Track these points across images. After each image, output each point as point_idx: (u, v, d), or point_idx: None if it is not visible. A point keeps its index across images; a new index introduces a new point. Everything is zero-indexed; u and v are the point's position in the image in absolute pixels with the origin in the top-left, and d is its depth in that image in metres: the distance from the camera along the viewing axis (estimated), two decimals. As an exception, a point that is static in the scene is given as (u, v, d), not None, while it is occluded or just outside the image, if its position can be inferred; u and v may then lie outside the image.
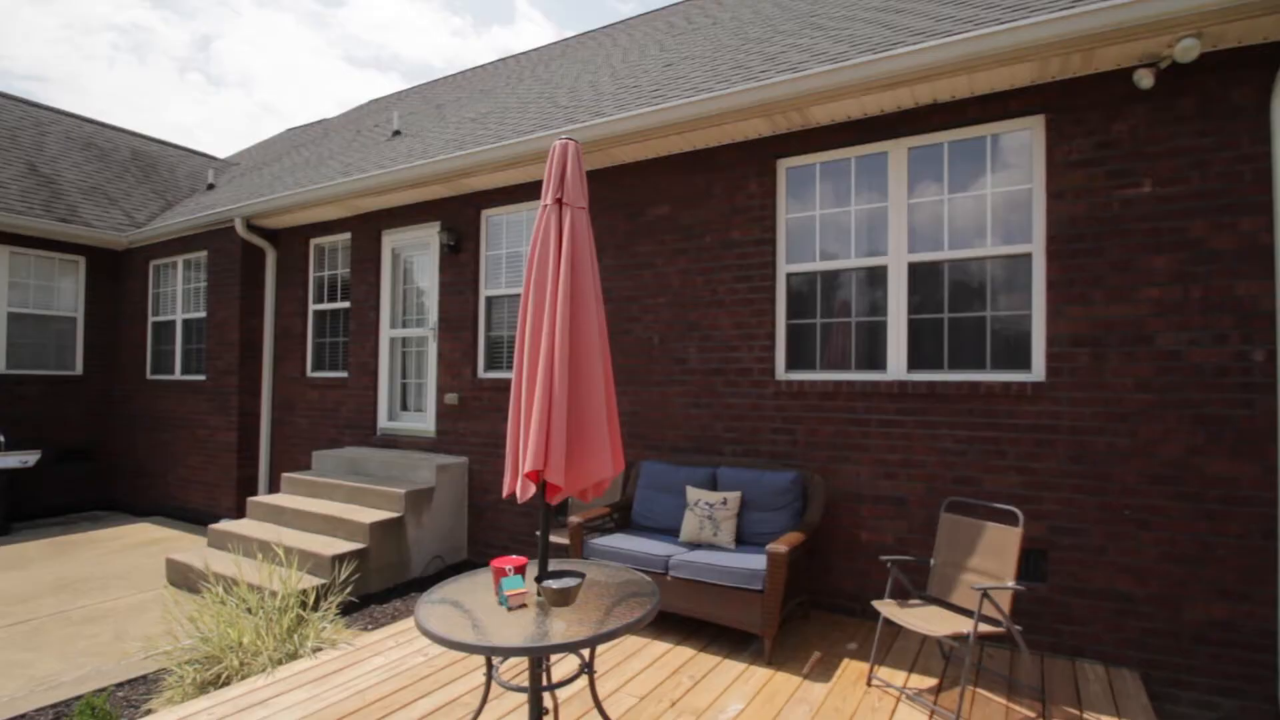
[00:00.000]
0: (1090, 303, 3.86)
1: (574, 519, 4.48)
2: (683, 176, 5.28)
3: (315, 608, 4.38)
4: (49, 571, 6.10)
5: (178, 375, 8.74)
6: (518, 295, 6.22)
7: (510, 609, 2.47)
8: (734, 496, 4.42)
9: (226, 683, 3.58)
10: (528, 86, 8.23)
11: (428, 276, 6.91)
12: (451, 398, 6.46)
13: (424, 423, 6.85)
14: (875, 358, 4.55)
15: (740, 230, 4.99)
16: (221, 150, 13.72)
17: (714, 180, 5.13)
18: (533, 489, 2.57)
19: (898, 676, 3.60)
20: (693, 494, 4.53)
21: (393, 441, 6.95)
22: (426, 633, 2.29)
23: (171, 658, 3.84)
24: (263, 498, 6.43)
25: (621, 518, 4.88)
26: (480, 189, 6.36)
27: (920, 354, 4.40)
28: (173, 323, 8.87)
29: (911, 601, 3.59)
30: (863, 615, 4.43)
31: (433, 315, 6.78)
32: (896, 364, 4.44)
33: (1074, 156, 3.92)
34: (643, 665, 3.73)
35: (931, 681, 3.54)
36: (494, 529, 6.17)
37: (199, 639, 3.82)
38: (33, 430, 8.44)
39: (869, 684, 3.50)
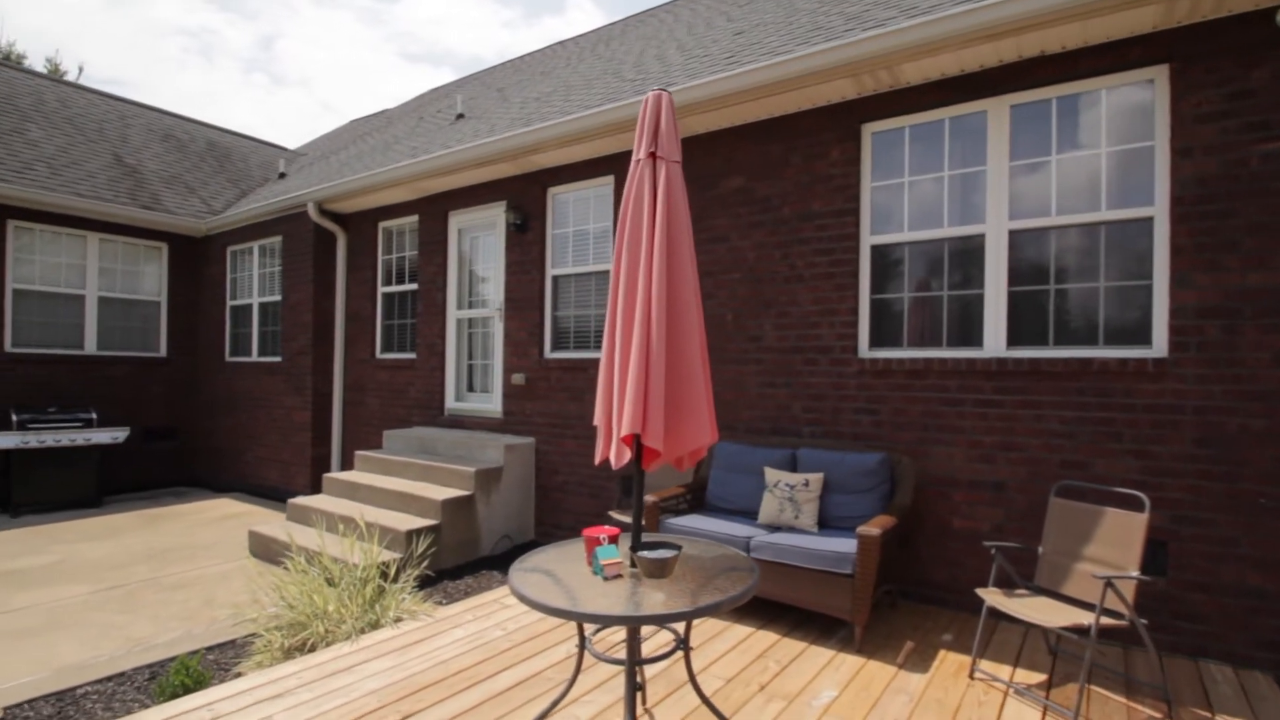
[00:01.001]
0: (1222, 270, 3.50)
1: (649, 498, 4.37)
2: (758, 146, 5.07)
3: (395, 580, 4.40)
4: (139, 541, 6.36)
5: (254, 357, 9.02)
6: (584, 274, 6.14)
7: (606, 578, 2.37)
8: (816, 478, 4.22)
9: (312, 649, 3.62)
10: (589, 65, 8.12)
11: (494, 257, 6.89)
12: (518, 378, 6.44)
13: (490, 403, 6.86)
14: (969, 334, 4.26)
15: (821, 201, 4.76)
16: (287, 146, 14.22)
17: (792, 149, 4.91)
18: (628, 455, 2.45)
19: (1002, 670, 3.36)
20: (772, 475, 4.36)
21: (459, 422, 6.99)
22: (523, 598, 2.20)
23: (258, 624, 3.91)
24: (338, 474, 6.56)
25: (695, 499, 4.75)
26: (547, 166, 6.29)
27: (1021, 329, 4.10)
28: (249, 306, 9.16)
29: (1018, 591, 3.34)
30: (956, 607, 4.17)
31: (499, 296, 6.76)
32: (994, 340, 4.15)
33: (1204, 109, 3.56)
34: (726, 647, 3.59)
35: (1040, 677, 3.29)
36: (560, 510, 6.12)
37: (284, 606, 3.87)
38: (121, 409, 8.87)
39: (971, 676, 3.28)
